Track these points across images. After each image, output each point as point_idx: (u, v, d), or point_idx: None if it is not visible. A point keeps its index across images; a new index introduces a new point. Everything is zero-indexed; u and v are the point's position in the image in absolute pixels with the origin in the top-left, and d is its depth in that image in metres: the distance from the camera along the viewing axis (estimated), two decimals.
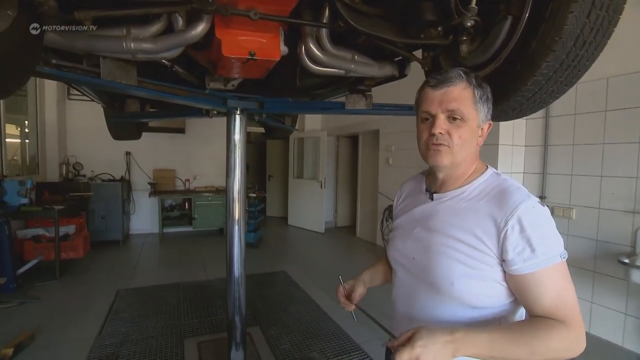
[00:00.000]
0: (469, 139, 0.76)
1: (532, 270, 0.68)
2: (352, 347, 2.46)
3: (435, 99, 0.76)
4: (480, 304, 0.75)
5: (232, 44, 1.09)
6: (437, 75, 0.77)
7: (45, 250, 3.72)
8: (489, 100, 0.78)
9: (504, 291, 0.74)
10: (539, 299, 0.68)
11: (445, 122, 0.75)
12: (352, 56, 1.33)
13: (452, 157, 0.76)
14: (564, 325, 0.66)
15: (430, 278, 0.78)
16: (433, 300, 0.79)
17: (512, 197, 0.72)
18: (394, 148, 4.71)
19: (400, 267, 0.89)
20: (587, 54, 0.76)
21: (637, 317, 2.23)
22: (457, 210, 0.78)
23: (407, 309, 0.85)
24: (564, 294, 0.68)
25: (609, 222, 2.38)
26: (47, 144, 4.87)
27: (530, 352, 0.63)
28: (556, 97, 0.89)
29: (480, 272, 0.72)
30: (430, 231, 0.81)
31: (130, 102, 2.13)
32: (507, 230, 0.69)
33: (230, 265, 2.02)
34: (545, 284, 0.68)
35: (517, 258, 0.68)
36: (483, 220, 0.73)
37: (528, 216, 0.69)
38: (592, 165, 2.47)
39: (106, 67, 1.06)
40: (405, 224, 0.90)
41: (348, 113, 1.76)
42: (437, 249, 0.78)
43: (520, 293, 0.71)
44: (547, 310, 0.68)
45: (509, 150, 2.92)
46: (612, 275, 2.35)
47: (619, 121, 2.32)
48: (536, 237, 0.68)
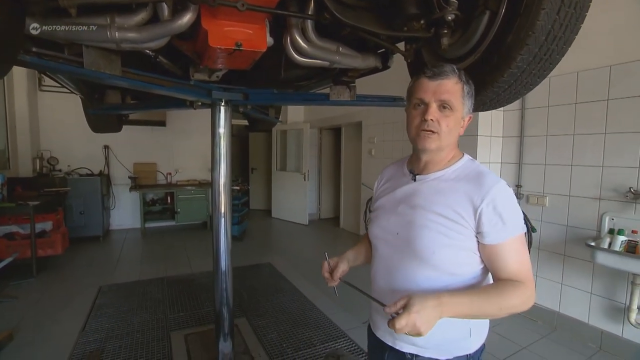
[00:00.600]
0: (454, 127, 0.86)
1: (503, 240, 0.81)
2: (339, 334, 2.53)
3: (430, 88, 0.85)
4: (456, 271, 0.86)
5: (218, 35, 1.09)
6: (433, 68, 0.86)
7: (19, 247, 3.58)
8: (472, 97, 0.89)
9: (476, 259, 0.86)
10: (506, 264, 0.82)
11: (436, 110, 0.85)
12: (336, 48, 1.35)
13: (439, 142, 0.86)
14: (523, 285, 0.80)
15: (413, 249, 0.88)
16: (414, 270, 0.88)
17: (487, 179, 0.84)
18: (376, 140, 4.78)
19: (383, 242, 0.98)
20: (557, 48, 0.81)
21: (601, 296, 2.39)
22: (439, 189, 0.89)
23: (389, 281, 0.94)
24: (524, 260, 0.83)
25: (578, 209, 2.53)
26: (18, 138, 4.64)
27: (498, 308, 0.77)
28: (530, 88, 0.95)
29: (458, 242, 0.84)
30: (414, 207, 0.91)
31: (111, 93, 2.08)
32: (482, 207, 0.81)
33: (217, 258, 2.03)
34: (511, 251, 0.82)
35: (491, 230, 0.81)
36: (461, 198, 0.84)
37: (500, 196, 0.82)
38: (563, 155, 2.61)
39: (90, 56, 1.04)
40: (388, 204, 0.99)
41: (332, 104, 1.79)
42: (421, 223, 0.87)
43: (491, 260, 0.84)
44: (511, 274, 0.81)
45: (487, 141, 3.03)
46: (580, 257, 2.50)
47: (587, 113, 2.45)
48: (506, 212, 0.81)
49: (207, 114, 1.93)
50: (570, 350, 2.39)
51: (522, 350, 2.39)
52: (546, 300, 2.72)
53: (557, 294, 2.65)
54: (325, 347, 2.36)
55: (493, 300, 0.78)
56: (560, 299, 2.63)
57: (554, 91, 2.65)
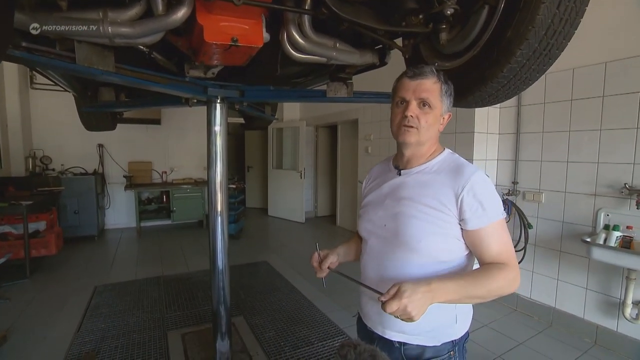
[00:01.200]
0: (432, 123, 0.93)
1: (485, 225, 0.86)
2: (336, 332, 2.52)
3: (410, 87, 0.92)
4: (443, 257, 0.91)
5: (214, 30, 1.07)
6: (414, 69, 0.93)
7: (12, 248, 3.53)
8: (451, 96, 0.95)
9: (461, 246, 0.91)
10: (489, 248, 0.87)
11: (416, 107, 0.91)
12: (333, 44, 1.34)
13: (419, 136, 0.92)
14: (507, 267, 0.85)
15: (401, 238, 0.93)
16: (403, 258, 0.93)
17: (466, 169, 0.90)
18: (372, 137, 4.78)
19: (372, 235, 1.02)
20: (557, 43, 0.81)
21: (596, 291, 2.41)
22: (422, 181, 0.95)
23: (378, 271, 0.98)
24: (506, 243, 0.89)
25: (573, 205, 2.54)
26: (10, 137, 4.57)
27: (487, 291, 0.83)
28: (529, 83, 0.95)
29: (443, 230, 0.89)
30: (399, 200, 0.96)
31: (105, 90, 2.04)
32: (463, 195, 0.87)
33: (214, 257, 2.02)
34: (493, 235, 0.87)
35: (472, 216, 0.86)
36: (444, 188, 0.90)
37: (478, 184, 0.87)
38: (559, 151, 2.62)
39: (82, 52, 1.02)
40: (375, 199, 1.05)
41: (329, 101, 1.77)
42: (407, 213, 0.93)
43: (474, 245, 0.89)
44: (494, 257, 0.87)
45: (483, 138, 3.03)
46: (576, 253, 2.52)
47: (583, 110, 2.46)
48: (485, 199, 0.86)
49: (202, 111, 1.90)
50: (566, 345, 2.41)
51: (519, 345, 2.41)
52: (542, 296, 2.74)
53: (553, 289, 2.67)
54: (323, 345, 2.36)
55: (481, 283, 0.82)
56: (556, 295, 2.65)
57: (549, 88, 2.66)
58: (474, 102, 1.09)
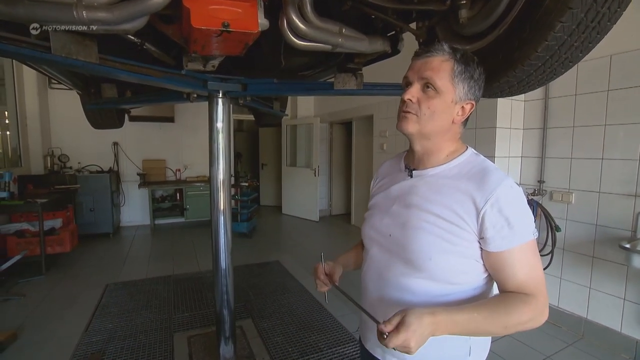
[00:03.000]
0: (439, 111, 0.75)
1: (510, 247, 0.71)
2: (348, 339, 2.40)
3: (415, 67, 0.77)
4: (455, 280, 0.76)
5: (202, 14, 0.96)
6: (425, 46, 0.78)
7: (29, 245, 3.59)
8: (472, 79, 0.76)
9: (479, 268, 0.76)
10: (514, 274, 0.71)
11: (418, 90, 0.76)
12: (339, 29, 1.21)
13: (419, 126, 0.77)
14: (533, 299, 0.69)
15: (406, 254, 0.79)
16: (407, 276, 0.79)
17: (492, 176, 0.73)
18: (388, 133, 4.60)
19: (375, 244, 0.89)
20: (609, 12, 0.65)
21: (637, 303, 2.18)
22: (437, 187, 0.79)
23: (379, 288, 0.85)
24: (535, 269, 0.72)
25: (609, 207, 2.31)
26: (30, 136, 4.68)
27: (503, 327, 0.68)
28: (569, 66, 0.78)
29: (458, 248, 0.74)
30: (408, 207, 0.81)
31: (106, 87, 1.99)
32: (486, 208, 0.71)
33: (217, 257, 1.94)
34: (520, 259, 0.71)
35: (496, 235, 0.71)
36: (463, 198, 0.74)
37: (506, 195, 0.71)
38: (592, 148, 2.39)
39: (58, 40, 0.93)
40: (382, 202, 0.90)
41: (337, 94, 1.64)
42: (416, 225, 0.78)
43: (496, 269, 0.74)
44: (519, 285, 0.71)
45: (506, 134, 2.82)
46: (611, 260, 2.29)
47: (621, 101, 2.22)
48: (514, 215, 0.70)
49: None
50: None
51: (546, 359, 2.21)
52: (572, 305, 2.52)
53: (584, 298, 2.45)
54: (333, 352, 2.24)
55: (497, 317, 0.68)
56: (589, 305, 2.42)
57: (582, 78, 2.42)
58: (499, 90, 0.93)
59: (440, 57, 0.75)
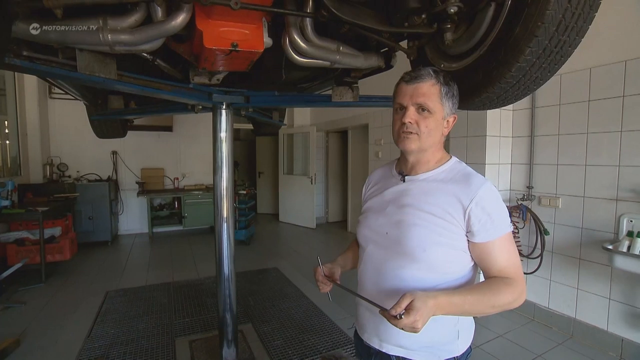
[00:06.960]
0: (434, 128, 0.89)
1: (493, 238, 0.84)
2: (345, 341, 2.47)
3: (407, 92, 0.89)
4: (446, 269, 0.88)
5: (213, 35, 1.06)
6: (411, 72, 0.90)
7: (29, 253, 3.62)
8: (454, 97, 0.90)
9: (466, 258, 0.89)
10: (497, 261, 0.85)
11: (415, 113, 0.88)
12: (337, 47, 1.31)
13: (420, 143, 0.89)
14: (514, 282, 0.83)
15: (403, 248, 0.89)
16: (403, 268, 0.89)
17: (474, 180, 0.87)
18: (383, 142, 4.72)
19: (371, 242, 0.98)
20: (569, 40, 0.76)
21: (621, 302, 2.28)
22: (428, 189, 0.91)
23: (377, 281, 0.94)
24: (513, 256, 0.87)
25: (593, 210, 2.43)
26: (29, 145, 4.73)
27: (491, 306, 0.80)
28: (540, 83, 0.89)
29: (449, 241, 0.86)
30: (403, 207, 0.92)
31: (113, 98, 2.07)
32: (472, 206, 0.84)
33: (220, 263, 2.00)
34: (501, 248, 0.85)
35: (481, 229, 0.84)
36: (450, 198, 0.87)
37: (488, 195, 0.85)
38: (576, 154, 2.51)
39: (83, 60, 1.03)
40: (377, 205, 1.01)
41: (335, 106, 1.75)
42: (411, 221, 0.89)
43: (482, 258, 0.87)
44: (501, 270, 0.85)
45: (496, 142, 2.94)
46: (597, 261, 2.39)
47: (602, 111, 2.36)
48: (495, 211, 0.84)
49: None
50: (588, 358, 2.29)
51: (537, 358, 2.30)
52: (561, 306, 2.62)
53: (572, 299, 2.55)
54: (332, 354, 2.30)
55: (486, 298, 0.80)
56: (577, 305, 2.52)
57: (565, 89, 2.56)
58: (481, 104, 1.04)
59: (428, 82, 0.87)
